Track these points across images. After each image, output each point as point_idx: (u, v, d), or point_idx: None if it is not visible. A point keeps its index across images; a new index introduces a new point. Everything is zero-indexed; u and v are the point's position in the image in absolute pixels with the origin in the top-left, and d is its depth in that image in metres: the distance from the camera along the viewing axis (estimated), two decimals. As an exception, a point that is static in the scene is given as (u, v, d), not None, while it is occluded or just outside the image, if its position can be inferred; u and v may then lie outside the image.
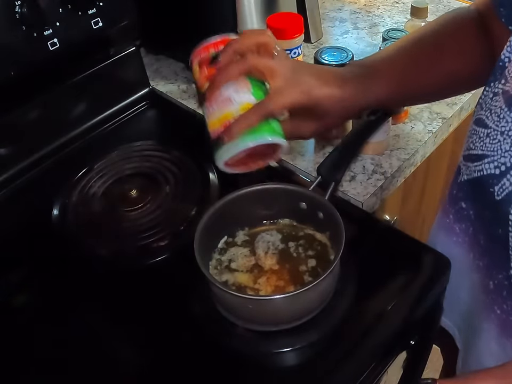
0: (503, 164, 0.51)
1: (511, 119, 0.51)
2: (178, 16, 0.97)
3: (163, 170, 0.80)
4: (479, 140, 0.55)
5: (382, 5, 1.20)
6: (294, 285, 0.62)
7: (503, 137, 0.51)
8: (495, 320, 0.61)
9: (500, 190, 0.52)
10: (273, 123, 0.61)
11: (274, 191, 0.67)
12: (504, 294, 0.58)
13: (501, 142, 0.52)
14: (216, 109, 0.60)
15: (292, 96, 0.60)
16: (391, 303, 0.62)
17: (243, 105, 0.59)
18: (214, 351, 0.60)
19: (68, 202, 0.77)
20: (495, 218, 0.54)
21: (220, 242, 0.67)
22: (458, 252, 0.66)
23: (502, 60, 0.53)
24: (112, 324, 0.65)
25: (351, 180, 0.80)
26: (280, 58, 0.61)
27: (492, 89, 0.55)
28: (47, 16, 0.74)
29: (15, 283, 0.71)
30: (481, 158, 0.54)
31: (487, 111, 0.54)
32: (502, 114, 0.52)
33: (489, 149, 0.53)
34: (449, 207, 0.66)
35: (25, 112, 0.83)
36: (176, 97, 0.99)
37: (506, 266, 0.55)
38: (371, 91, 0.64)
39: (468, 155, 0.57)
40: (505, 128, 0.51)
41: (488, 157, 0.53)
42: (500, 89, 0.53)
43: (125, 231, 0.73)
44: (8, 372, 0.60)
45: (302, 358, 0.60)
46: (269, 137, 0.59)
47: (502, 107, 0.52)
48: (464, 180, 0.59)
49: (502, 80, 0.53)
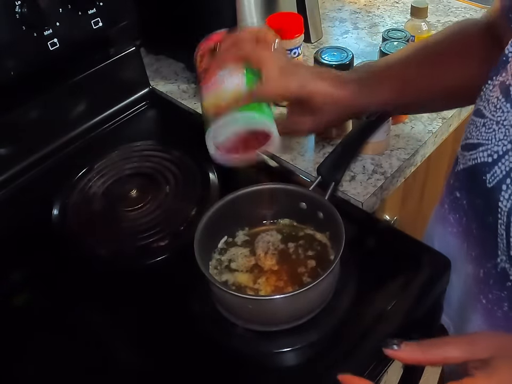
0: (495, 152, 0.52)
1: (506, 109, 0.52)
2: (178, 16, 0.97)
3: (163, 170, 0.80)
4: (476, 129, 0.56)
5: (382, 5, 1.20)
6: (293, 285, 0.62)
7: (498, 127, 0.52)
8: (481, 310, 0.61)
9: (492, 177, 0.53)
10: (265, 107, 0.62)
11: (274, 191, 0.67)
12: (491, 283, 0.58)
13: (496, 131, 0.53)
14: (210, 92, 0.62)
15: (285, 85, 0.62)
16: (391, 303, 0.62)
17: (236, 90, 0.60)
18: (214, 351, 0.60)
19: (68, 202, 0.77)
20: (486, 206, 0.55)
21: (220, 242, 0.67)
22: (453, 243, 0.66)
23: (506, 55, 0.54)
24: (112, 323, 0.65)
25: (351, 179, 0.80)
26: (278, 52, 0.63)
27: (493, 82, 0.55)
28: (47, 16, 0.74)
29: (15, 283, 0.71)
30: (477, 147, 0.55)
31: (485, 102, 0.56)
32: (499, 105, 0.53)
33: (484, 138, 0.54)
34: (445, 197, 0.66)
35: (25, 112, 0.83)
36: (176, 97, 0.99)
37: (495, 254, 0.56)
38: (372, 95, 0.65)
39: (465, 144, 0.58)
40: (500, 118, 0.52)
41: (483, 145, 0.54)
42: (499, 81, 0.54)
43: (125, 231, 0.73)
44: (8, 371, 0.61)
45: (302, 358, 0.60)
46: (257, 116, 0.61)
47: (499, 97, 0.53)
48: (460, 169, 0.60)
49: (503, 74, 0.54)
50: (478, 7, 1.17)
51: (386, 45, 0.85)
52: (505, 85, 0.52)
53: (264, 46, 0.62)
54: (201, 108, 0.64)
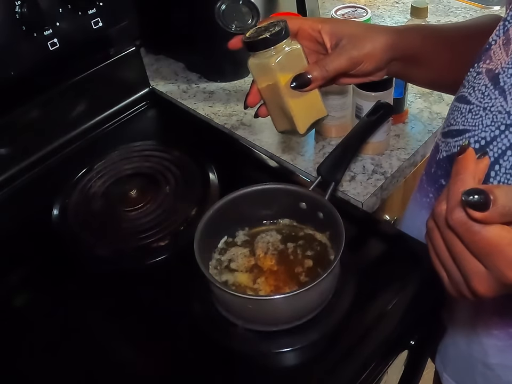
0: (483, 139, 0.52)
1: (494, 96, 0.52)
2: (178, 16, 0.97)
3: (163, 170, 0.80)
4: (461, 116, 0.56)
5: (382, 5, 1.20)
6: (293, 286, 0.62)
7: (485, 113, 0.53)
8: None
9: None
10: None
11: (274, 191, 0.67)
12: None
13: (483, 117, 0.53)
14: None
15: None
16: (391, 303, 0.62)
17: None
18: (214, 351, 0.60)
19: (68, 202, 0.77)
20: None
21: (220, 242, 0.67)
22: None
23: (489, 43, 0.55)
24: (112, 323, 0.65)
25: (351, 179, 0.80)
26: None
27: (476, 69, 0.56)
28: (47, 16, 0.74)
29: (15, 282, 0.71)
30: (462, 133, 0.55)
31: (469, 89, 0.56)
32: (487, 92, 0.53)
33: (471, 124, 0.54)
34: (428, 186, 0.66)
35: (25, 112, 0.83)
36: (176, 97, 0.99)
37: None
38: (405, 41, 0.63)
39: (448, 131, 0.58)
40: (488, 104, 0.53)
41: (469, 131, 0.54)
42: (484, 68, 0.55)
43: (125, 231, 0.73)
44: (8, 371, 0.61)
45: (302, 358, 0.60)
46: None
47: (487, 85, 0.53)
48: (443, 156, 0.60)
49: (487, 61, 0.54)
50: (478, 7, 1.17)
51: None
52: (493, 73, 0.53)
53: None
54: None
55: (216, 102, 0.96)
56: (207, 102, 0.97)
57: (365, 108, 0.78)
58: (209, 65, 1.01)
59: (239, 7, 0.62)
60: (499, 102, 0.51)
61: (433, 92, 0.95)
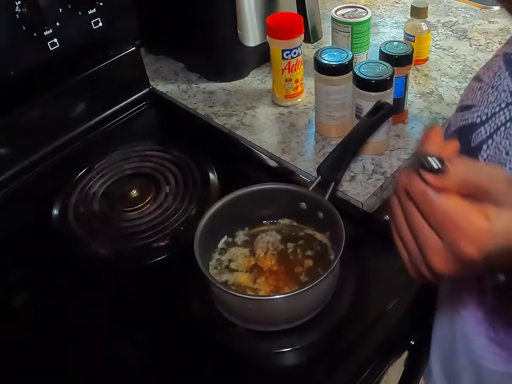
0: (485, 114, 0.54)
1: (504, 76, 0.54)
2: (178, 16, 0.97)
3: (163, 170, 0.80)
4: (471, 92, 0.58)
5: (382, 5, 1.20)
6: (293, 286, 0.62)
7: (492, 91, 0.54)
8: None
9: (476, 137, 0.54)
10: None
11: (274, 191, 0.67)
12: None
13: (489, 94, 0.54)
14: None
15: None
16: (391, 302, 0.62)
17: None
18: (214, 351, 0.60)
19: (68, 202, 0.77)
20: None
21: (220, 242, 0.68)
22: None
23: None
24: (112, 323, 0.65)
25: (351, 179, 0.80)
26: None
27: (497, 52, 0.58)
28: (47, 16, 0.74)
29: (15, 283, 0.71)
30: (469, 108, 0.57)
31: (485, 69, 0.58)
32: (499, 72, 0.55)
33: (478, 100, 0.56)
34: None
35: (25, 112, 0.83)
36: (176, 97, 0.98)
37: None
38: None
39: (460, 106, 0.60)
40: (496, 83, 0.54)
41: (475, 107, 0.56)
42: (502, 51, 0.57)
43: (125, 231, 0.73)
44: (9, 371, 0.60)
45: (302, 358, 0.60)
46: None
47: (501, 66, 0.55)
48: (452, 130, 0.61)
49: (508, 45, 0.57)
50: (478, 7, 1.17)
51: (386, 45, 0.85)
52: (509, 56, 0.55)
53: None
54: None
55: (216, 102, 0.96)
56: (207, 102, 0.97)
57: (365, 108, 0.78)
58: (209, 65, 1.00)
59: None
60: (506, 82, 0.53)
61: (433, 92, 0.95)
